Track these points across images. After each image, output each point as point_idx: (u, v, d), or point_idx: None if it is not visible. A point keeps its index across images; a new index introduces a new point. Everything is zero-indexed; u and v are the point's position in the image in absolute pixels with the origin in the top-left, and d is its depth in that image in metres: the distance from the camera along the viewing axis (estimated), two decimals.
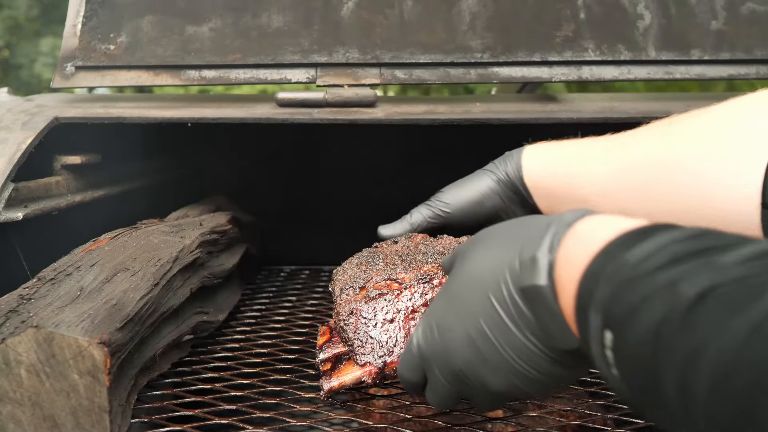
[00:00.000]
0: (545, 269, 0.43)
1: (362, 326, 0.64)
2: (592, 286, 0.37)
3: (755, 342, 0.25)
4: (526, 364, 0.46)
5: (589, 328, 0.37)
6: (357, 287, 0.67)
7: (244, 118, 1.00)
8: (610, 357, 0.35)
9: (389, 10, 1.15)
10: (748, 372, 0.25)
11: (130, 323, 0.62)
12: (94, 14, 1.14)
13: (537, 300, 0.43)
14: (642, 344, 0.32)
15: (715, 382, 0.27)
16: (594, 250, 0.39)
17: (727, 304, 0.28)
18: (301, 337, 0.93)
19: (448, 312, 0.51)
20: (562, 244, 0.43)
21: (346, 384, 0.64)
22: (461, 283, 0.51)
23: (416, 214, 0.78)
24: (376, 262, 0.70)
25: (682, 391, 0.29)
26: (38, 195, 0.93)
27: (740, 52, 1.12)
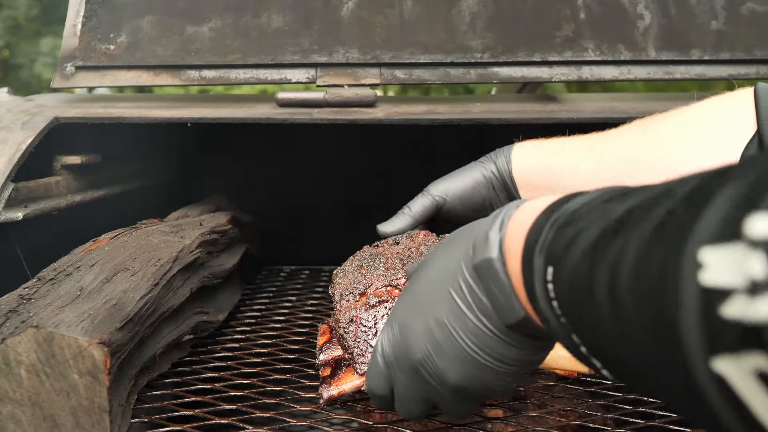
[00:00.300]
0: (496, 244, 0.45)
1: (362, 335, 0.63)
2: (536, 235, 0.40)
3: (668, 222, 0.28)
4: (480, 349, 0.47)
5: (533, 272, 0.39)
6: (357, 293, 0.66)
7: (244, 118, 1.00)
8: (551, 290, 0.37)
9: (389, 10, 1.15)
10: (664, 244, 0.28)
11: (130, 323, 0.62)
12: (94, 14, 1.14)
13: (488, 273, 0.45)
14: (578, 264, 0.34)
15: (637, 262, 0.29)
16: (539, 211, 0.41)
17: (650, 205, 0.31)
18: (301, 337, 0.93)
19: (408, 310, 0.53)
20: (511, 219, 0.45)
21: (345, 392, 0.64)
22: (421, 283, 0.53)
23: (415, 205, 0.79)
24: (377, 265, 0.69)
25: (610, 288, 0.31)
26: (38, 195, 0.93)
27: (740, 52, 1.12)
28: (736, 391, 0.24)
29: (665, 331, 0.27)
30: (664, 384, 0.29)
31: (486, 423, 0.69)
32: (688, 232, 0.26)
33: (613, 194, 0.36)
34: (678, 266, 0.26)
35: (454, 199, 0.79)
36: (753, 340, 0.23)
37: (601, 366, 0.36)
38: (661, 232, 0.29)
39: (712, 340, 0.24)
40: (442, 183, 0.80)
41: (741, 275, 0.23)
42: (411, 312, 0.52)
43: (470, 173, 0.79)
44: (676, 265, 0.26)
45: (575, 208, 0.38)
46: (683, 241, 0.26)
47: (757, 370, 0.23)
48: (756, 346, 0.23)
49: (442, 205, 0.79)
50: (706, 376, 0.25)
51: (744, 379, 0.24)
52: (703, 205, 0.26)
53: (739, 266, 0.24)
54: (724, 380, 0.24)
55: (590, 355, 0.36)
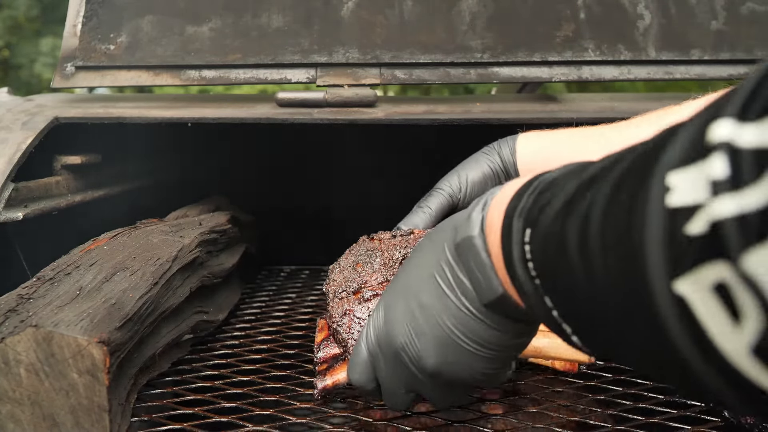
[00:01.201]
0: (478, 222, 0.45)
1: (356, 326, 0.64)
2: (516, 203, 0.40)
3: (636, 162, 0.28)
4: (459, 331, 0.46)
5: (512, 236, 0.39)
6: (350, 291, 0.67)
7: (244, 118, 1.00)
8: (527, 251, 0.37)
9: (389, 10, 1.15)
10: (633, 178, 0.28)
11: (129, 322, 0.62)
12: (94, 14, 1.14)
13: (468, 251, 0.45)
14: (553, 220, 0.34)
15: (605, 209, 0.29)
16: (520, 184, 0.42)
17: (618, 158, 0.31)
18: (300, 332, 0.93)
19: (393, 296, 0.53)
20: (494, 198, 0.45)
21: (339, 382, 0.64)
22: (405, 271, 0.53)
23: (432, 202, 0.77)
24: (373, 262, 0.69)
25: (581, 236, 0.30)
26: (38, 195, 0.93)
27: (740, 52, 1.12)
28: (694, 311, 0.24)
29: (630, 267, 0.26)
30: (631, 333, 0.29)
31: (486, 420, 0.69)
32: (655, 163, 0.26)
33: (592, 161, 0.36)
34: (645, 196, 0.26)
35: (466, 193, 0.77)
36: (713, 249, 0.22)
37: (571, 331, 0.35)
38: (629, 173, 0.28)
39: (675, 262, 0.24)
40: (451, 178, 0.78)
41: (704, 186, 0.23)
42: (395, 297, 0.52)
43: (478, 166, 0.78)
44: (643, 195, 0.26)
45: (554, 176, 0.38)
46: (650, 172, 0.26)
47: (715, 283, 0.23)
48: (715, 255, 0.22)
49: (456, 203, 0.77)
50: (667, 302, 0.24)
51: (702, 296, 0.23)
52: (671, 138, 0.26)
53: (702, 177, 0.23)
54: (683, 302, 0.24)
55: (562, 320, 0.35)
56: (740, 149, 0.22)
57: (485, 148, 0.79)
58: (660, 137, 0.28)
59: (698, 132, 0.24)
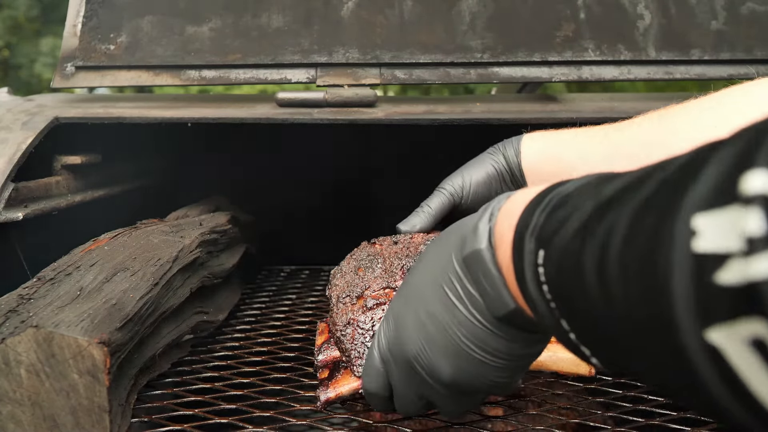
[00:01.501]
0: (485, 234, 0.44)
1: (359, 337, 0.63)
2: (527, 220, 0.39)
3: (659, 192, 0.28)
4: (471, 342, 0.46)
5: (524, 257, 0.38)
6: (354, 296, 0.66)
7: (244, 118, 1.00)
8: (541, 274, 0.36)
9: (389, 10, 1.15)
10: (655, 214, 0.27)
11: (129, 323, 0.62)
12: (94, 14, 1.14)
13: (477, 265, 0.44)
14: (569, 243, 0.33)
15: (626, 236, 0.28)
16: (530, 198, 0.40)
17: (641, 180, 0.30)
18: (301, 335, 0.93)
19: (402, 305, 0.52)
20: (501, 209, 0.44)
21: (343, 395, 0.63)
22: (414, 277, 0.53)
23: (434, 203, 0.76)
24: (375, 267, 0.69)
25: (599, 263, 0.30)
26: (38, 195, 0.93)
27: (740, 52, 1.12)
28: (731, 363, 0.23)
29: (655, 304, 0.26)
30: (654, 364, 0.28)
31: (486, 422, 0.69)
32: (680, 200, 0.25)
33: (607, 176, 0.35)
34: (670, 235, 0.25)
35: (468, 194, 0.76)
36: (750, 304, 0.22)
37: (590, 354, 0.35)
38: (652, 203, 0.28)
39: (706, 310, 0.23)
40: (455, 179, 0.77)
41: (736, 237, 0.22)
42: (405, 306, 0.52)
43: (482, 166, 0.76)
44: (667, 234, 0.25)
45: (568, 192, 0.37)
46: (675, 210, 0.25)
47: (753, 338, 0.22)
48: (752, 311, 0.22)
49: (458, 203, 0.76)
50: (699, 349, 0.24)
51: (739, 349, 0.23)
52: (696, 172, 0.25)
53: (734, 228, 0.22)
54: (718, 352, 0.23)
55: (579, 342, 0.35)
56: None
57: (490, 149, 0.78)
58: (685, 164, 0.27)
59: (728, 174, 0.23)
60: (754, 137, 0.24)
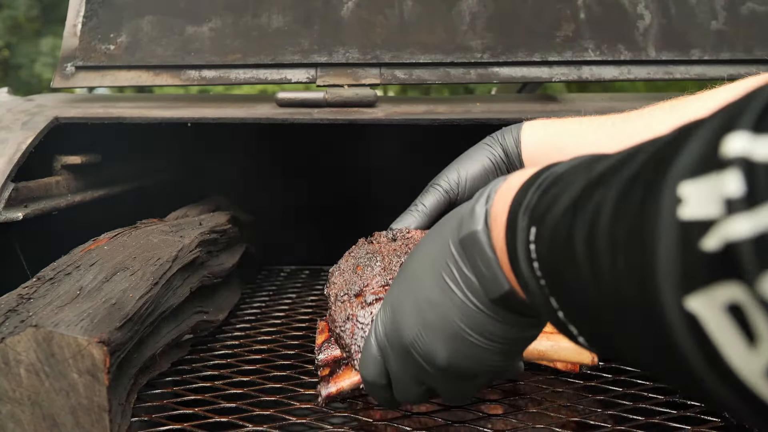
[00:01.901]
0: (482, 216, 0.44)
1: (359, 332, 0.63)
2: (521, 198, 0.39)
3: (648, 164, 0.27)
4: (467, 326, 0.46)
5: (516, 235, 0.38)
6: (353, 294, 0.66)
7: (244, 118, 1.00)
8: (533, 251, 0.36)
9: (389, 10, 1.15)
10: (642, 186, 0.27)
11: (129, 322, 0.62)
12: (94, 14, 1.14)
13: (473, 246, 0.44)
14: (560, 219, 0.33)
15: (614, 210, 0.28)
16: (525, 178, 0.40)
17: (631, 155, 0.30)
18: (300, 332, 0.93)
19: (400, 290, 0.52)
20: (497, 191, 0.44)
21: (344, 390, 0.63)
22: (411, 264, 0.52)
23: (427, 199, 0.75)
24: (374, 265, 0.69)
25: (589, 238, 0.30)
26: (38, 195, 0.93)
27: (740, 52, 1.12)
28: (707, 331, 0.23)
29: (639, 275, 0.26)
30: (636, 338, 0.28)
31: (486, 420, 0.69)
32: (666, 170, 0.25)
33: (599, 155, 0.35)
34: (656, 205, 0.25)
35: (464, 189, 0.74)
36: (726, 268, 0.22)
37: (577, 332, 0.35)
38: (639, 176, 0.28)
39: (687, 277, 0.23)
40: (450, 173, 0.75)
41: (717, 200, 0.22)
42: (402, 293, 0.52)
43: (477, 159, 0.75)
44: (653, 204, 0.25)
45: (561, 171, 0.37)
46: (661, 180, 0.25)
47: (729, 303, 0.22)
48: (729, 275, 0.22)
49: (454, 199, 0.74)
50: (678, 317, 0.24)
51: (716, 315, 0.23)
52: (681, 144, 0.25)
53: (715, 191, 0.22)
54: (695, 320, 0.23)
55: (567, 320, 0.35)
56: (756, 165, 0.21)
57: (487, 138, 0.76)
58: (672, 138, 0.27)
59: (712, 141, 0.24)
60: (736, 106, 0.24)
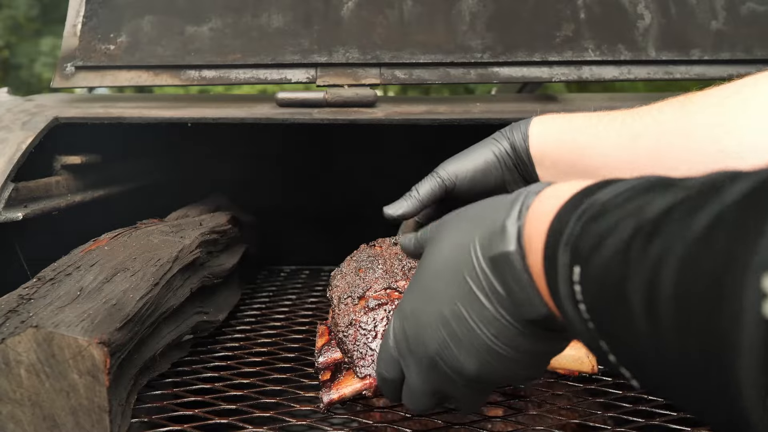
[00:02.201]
0: (514, 236, 0.43)
1: (361, 338, 0.63)
2: (561, 227, 0.36)
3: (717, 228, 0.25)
4: (499, 340, 0.45)
5: (557, 270, 0.36)
6: (355, 297, 0.66)
7: (244, 118, 1.00)
8: (578, 292, 0.34)
9: (389, 10, 1.15)
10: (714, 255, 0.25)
11: (129, 323, 0.62)
12: (94, 14, 1.14)
13: (505, 267, 0.43)
14: (609, 266, 0.31)
15: (681, 275, 0.26)
16: (562, 201, 0.38)
17: (691, 207, 0.27)
18: (301, 335, 0.93)
19: (421, 297, 0.51)
20: (530, 208, 0.42)
21: (346, 396, 0.63)
22: (433, 267, 0.51)
23: (423, 187, 0.73)
24: (375, 268, 0.68)
25: (647, 296, 0.28)
26: (38, 195, 0.93)
27: (740, 52, 1.12)
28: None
29: (716, 361, 0.25)
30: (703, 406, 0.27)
31: (486, 422, 0.69)
32: (748, 249, 0.23)
33: (648, 186, 0.32)
34: (736, 290, 0.23)
35: (464, 181, 0.73)
36: None
37: (630, 376, 0.33)
38: (709, 241, 0.25)
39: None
40: (451, 164, 0.74)
41: None
42: (424, 299, 0.50)
43: (482, 153, 0.73)
44: (733, 288, 0.23)
45: (606, 200, 0.34)
46: (742, 261, 0.23)
47: None
48: None
49: (451, 189, 0.73)
50: (761, 416, 0.23)
51: None
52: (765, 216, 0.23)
53: None
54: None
55: (619, 364, 0.33)
56: None
57: (495, 134, 0.75)
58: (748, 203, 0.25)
59: None
60: None
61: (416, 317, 0.51)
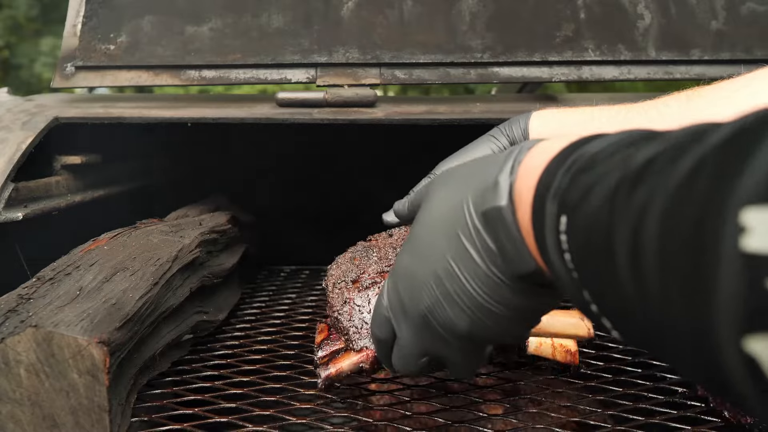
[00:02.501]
0: (506, 190, 0.43)
1: (356, 314, 0.64)
2: (549, 180, 0.37)
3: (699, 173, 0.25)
4: (490, 297, 0.45)
5: (544, 221, 0.36)
6: (349, 281, 0.67)
7: (244, 118, 1.00)
8: (563, 241, 0.34)
9: (389, 10, 1.15)
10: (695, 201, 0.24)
11: (129, 323, 0.63)
12: (94, 14, 1.14)
13: (497, 222, 0.43)
14: (595, 215, 0.31)
15: (663, 223, 0.26)
16: (551, 155, 0.38)
17: (673, 154, 0.27)
18: (300, 332, 0.93)
19: (414, 255, 0.51)
20: (521, 164, 0.43)
21: (343, 370, 0.64)
22: (426, 225, 0.50)
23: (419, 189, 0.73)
24: (370, 256, 0.69)
25: (631, 246, 0.28)
26: (38, 195, 0.93)
27: (740, 52, 1.12)
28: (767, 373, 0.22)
29: (693, 302, 0.24)
30: (681, 354, 0.27)
31: (486, 420, 0.69)
32: (727, 188, 0.23)
33: (635, 137, 0.32)
34: (716, 229, 0.23)
35: None
36: None
37: (611, 326, 0.33)
38: (691, 186, 0.25)
39: (750, 317, 0.22)
40: (447, 164, 0.74)
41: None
42: (416, 258, 0.50)
43: (478, 150, 0.73)
44: (712, 227, 0.23)
45: (593, 152, 0.34)
46: (721, 199, 0.23)
47: None
48: None
49: None
50: (736, 356, 0.23)
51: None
52: (744, 157, 0.23)
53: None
54: (755, 361, 0.22)
55: (601, 314, 0.33)
56: None
57: (493, 130, 0.74)
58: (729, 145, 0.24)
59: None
60: None
61: (409, 275, 0.51)
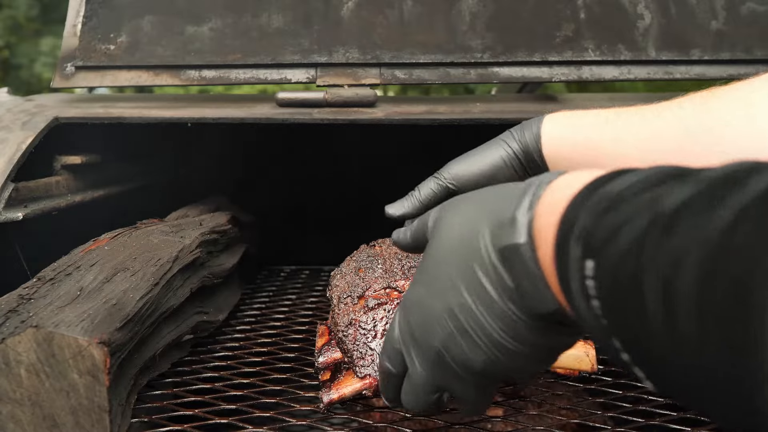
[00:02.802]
0: (524, 227, 0.41)
1: (361, 337, 0.63)
2: (572, 218, 0.35)
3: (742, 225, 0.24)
4: (507, 334, 0.44)
5: (569, 263, 0.35)
6: (355, 296, 0.66)
7: (244, 118, 1.00)
8: (590, 287, 0.33)
9: (389, 10, 1.15)
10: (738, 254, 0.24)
11: (129, 323, 0.62)
12: (94, 14, 1.14)
13: (515, 260, 0.41)
14: (624, 261, 0.30)
15: (702, 275, 0.25)
16: (574, 192, 0.37)
17: (711, 200, 0.26)
18: (301, 335, 0.93)
19: (427, 287, 0.49)
20: (540, 199, 0.41)
21: (345, 396, 0.63)
22: (439, 256, 0.49)
23: (425, 188, 0.71)
24: (375, 267, 0.69)
25: (665, 295, 0.27)
26: (38, 195, 0.93)
27: (740, 52, 1.12)
28: None
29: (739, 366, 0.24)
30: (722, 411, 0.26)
31: (486, 422, 0.69)
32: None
33: (664, 176, 0.31)
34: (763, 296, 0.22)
35: (467, 185, 0.69)
36: None
37: (644, 377, 0.32)
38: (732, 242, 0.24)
39: None
40: (455, 166, 0.71)
41: None
42: (430, 289, 0.49)
43: (488, 155, 0.70)
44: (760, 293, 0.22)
45: (619, 190, 0.33)
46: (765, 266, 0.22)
47: None
48: None
49: (453, 192, 0.70)
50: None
51: None
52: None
53: None
54: None
55: (633, 363, 0.32)
56: None
57: (504, 134, 0.72)
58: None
59: None
60: None
61: (422, 307, 0.49)
